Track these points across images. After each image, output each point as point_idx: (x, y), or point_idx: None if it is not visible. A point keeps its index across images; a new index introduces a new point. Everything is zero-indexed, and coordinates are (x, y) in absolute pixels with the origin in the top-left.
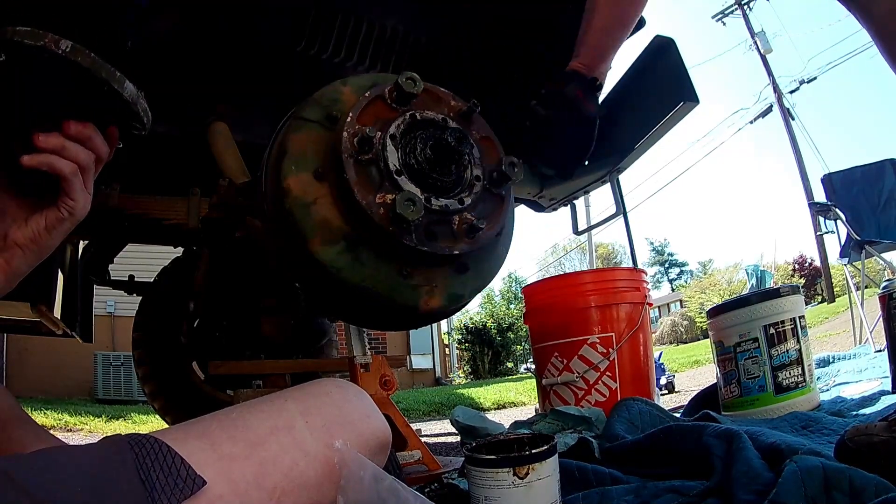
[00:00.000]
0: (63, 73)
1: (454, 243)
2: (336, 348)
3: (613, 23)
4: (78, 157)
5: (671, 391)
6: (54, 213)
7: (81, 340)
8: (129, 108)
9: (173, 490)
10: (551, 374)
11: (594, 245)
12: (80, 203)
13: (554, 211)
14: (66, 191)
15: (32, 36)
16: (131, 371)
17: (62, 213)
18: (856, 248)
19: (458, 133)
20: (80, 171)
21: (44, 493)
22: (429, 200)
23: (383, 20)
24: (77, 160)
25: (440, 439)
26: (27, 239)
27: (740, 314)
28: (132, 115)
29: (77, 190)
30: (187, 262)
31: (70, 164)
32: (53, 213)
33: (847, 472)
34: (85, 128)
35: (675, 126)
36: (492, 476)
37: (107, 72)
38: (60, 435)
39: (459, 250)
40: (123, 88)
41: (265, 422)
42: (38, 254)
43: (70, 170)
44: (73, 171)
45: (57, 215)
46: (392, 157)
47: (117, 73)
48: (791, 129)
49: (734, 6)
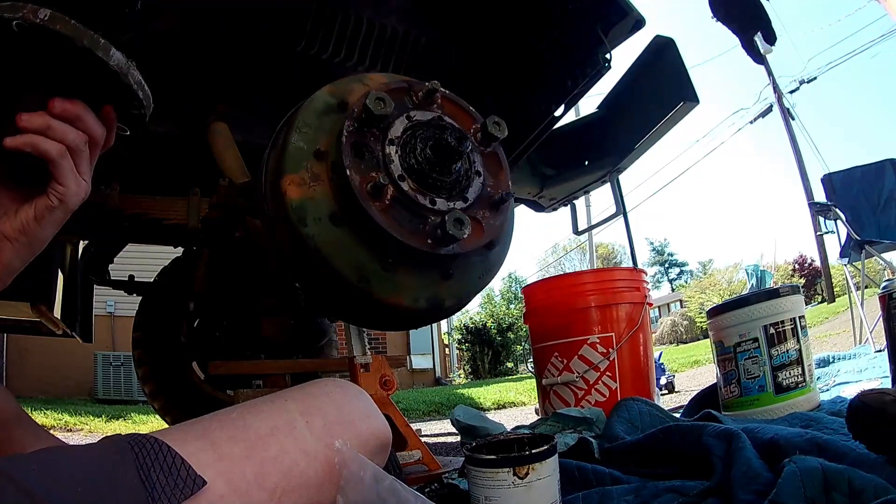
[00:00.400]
0: (45, 46)
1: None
2: (336, 348)
3: None
4: (66, 138)
5: (671, 391)
6: (44, 201)
7: (81, 340)
8: (119, 81)
9: (173, 490)
10: (551, 374)
11: (594, 245)
12: (72, 189)
13: (554, 211)
14: (55, 175)
15: (11, 9)
16: (131, 371)
17: (52, 200)
18: (856, 248)
19: (458, 133)
20: (69, 154)
21: (44, 493)
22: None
23: (383, 20)
24: (65, 140)
25: (440, 439)
26: (16, 230)
27: (740, 314)
28: (125, 91)
29: (67, 174)
30: (187, 262)
31: (57, 146)
32: (43, 200)
33: (846, 473)
34: (73, 105)
35: (675, 126)
36: (492, 476)
37: (89, 39)
38: (60, 435)
39: (444, 252)
40: (109, 57)
41: (265, 422)
42: (30, 247)
43: (57, 151)
44: (59, 152)
45: (46, 203)
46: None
47: (101, 41)
48: (791, 129)
49: None
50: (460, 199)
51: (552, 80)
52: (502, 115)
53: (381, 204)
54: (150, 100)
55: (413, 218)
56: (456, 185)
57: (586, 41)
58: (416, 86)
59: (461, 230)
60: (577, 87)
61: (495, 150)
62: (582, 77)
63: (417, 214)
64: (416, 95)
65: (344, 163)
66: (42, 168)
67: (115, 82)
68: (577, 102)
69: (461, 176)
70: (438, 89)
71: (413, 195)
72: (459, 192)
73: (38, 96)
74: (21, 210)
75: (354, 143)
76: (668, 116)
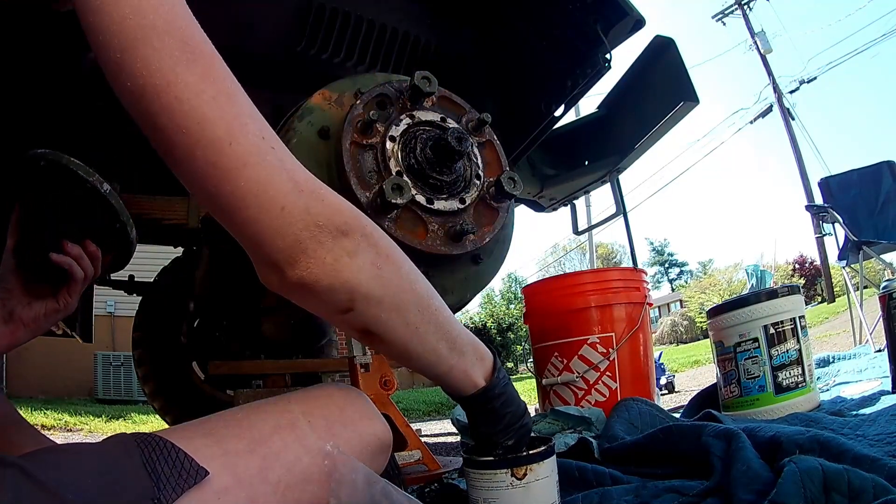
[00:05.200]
0: (95, 205)
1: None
2: (336, 348)
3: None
4: (87, 270)
5: (671, 391)
6: (53, 304)
7: (81, 340)
8: (128, 249)
9: (178, 480)
10: (551, 374)
11: (594, 245)
12: (73, 304)
13: (554, 211)
14: (69, 290)
15: (85, 171)
16: (131, 371)
17: (59, 304)
18: (853, 249)
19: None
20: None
21: (56, 485)
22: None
23: (383, 20)
24: (86, 271)
25: (440, 439)
26: (30, 318)
27: (740, 314)
28: (124, 255)
29: (76, 293)
30: (187, 262)
31: (80, 273)
32: (52, 304)
33: (846, 474)
34: (97, 250)
35: (675, 126)
36: (489, 477)
37: (126, 216)
38: (61, 435)
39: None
40: (130, 232)
41: (269, 421)
42: (33, 333)
43: (80, 276)
44: (80, 277)
45: (55, 307)
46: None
47: (131, 220)
48: (791, 129)
49: (734, 6)
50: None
51: (552, 80)
52: (502, 115)
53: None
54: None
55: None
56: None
57: (586, 41)
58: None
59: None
60: (576, 87)
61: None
62: (582, 77)
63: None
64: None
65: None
66: (60, 281)
67: (125, 248)
68: (577, 102)
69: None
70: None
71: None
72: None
73: (77, 233)
74: (34, 304)
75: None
76: (668, 116)
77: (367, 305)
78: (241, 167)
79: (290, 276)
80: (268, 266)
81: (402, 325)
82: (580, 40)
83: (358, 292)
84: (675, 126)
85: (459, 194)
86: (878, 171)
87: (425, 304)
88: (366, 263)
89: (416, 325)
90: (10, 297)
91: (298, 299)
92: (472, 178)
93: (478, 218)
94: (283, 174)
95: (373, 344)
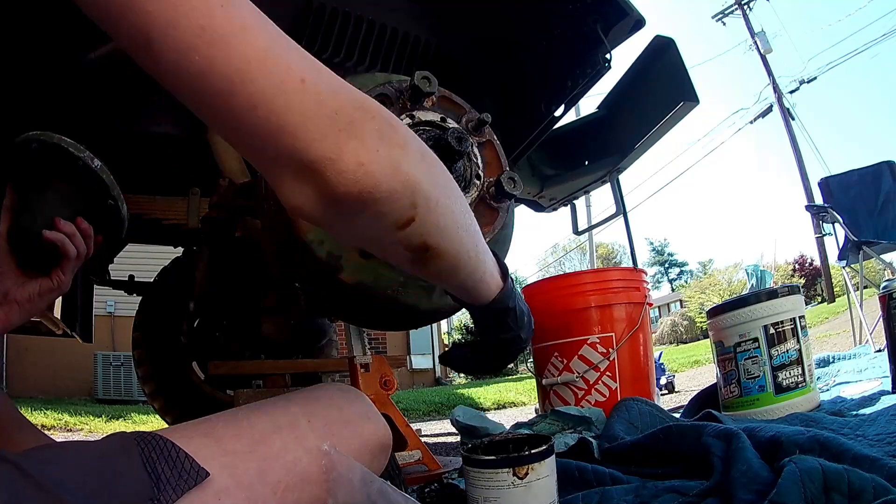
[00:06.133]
0: (86, 181)
1: None
2: (336, 348)
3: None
4: (80, 247)
5: (671, 391)
6: (48, 283)
7: (81, 340)
8: (121, 226)
9: (178, 481)
10: (551, 374)
11: (594, 245)
12: (67, 281)
13: (554, 211)
14: (63, 268)
15: (76, 147)
16: (131, 371)
17: (53, 283)
18: (853, 249)
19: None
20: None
21: (53, 483)
22: None
23: (383, 20)
24: (78, 249)
25: (440, 439)
26: (24, 298)
27: (740, 314)
28: (117, 232)
29: (69, 270)
30: (187, 261)
31: (73, 249)
32: (47, 282)
33: (846, 474)
34: (89, 227)
35: (675, 126)
36: (490, 476)
37: (117, 192)
38: (61, 435)
39: None
40: (122, 209)
41: (269, 421)
42: (28, 312)
43: (73, 253)
44: (74, 254)
45: (49, 285)
46: None
47: (122, 196)
48: (791, 128)
49: (734, 6)
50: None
51: (552, 80)
52: (502, 114)
53: None
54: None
55: None
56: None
57: (586, 41)
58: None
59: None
60: (576, 88)
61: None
62: (582, 77)
63: None
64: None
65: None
66: (53, 260)
67: (117, 225)
68: (577, 102)
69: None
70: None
71: None
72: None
73: (69, 210)
74: (28, 284)
75: None
76: (668, 116)
77: (427, 211)
78: (239, 30)
79: (335, 184)
80: (296, 176)
81: (454, 230)
82: (580, 40)
83: (420, 194)
84: (675, 126)
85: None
86: (878, 171)
87: (463, 200)
88: (416, 155)
89: (465, 228)
90: (5, 277)
91: (346, 219)
92: (472, 178)
93: (478, 218)
94: (292, 44)
95: (425, 265)
